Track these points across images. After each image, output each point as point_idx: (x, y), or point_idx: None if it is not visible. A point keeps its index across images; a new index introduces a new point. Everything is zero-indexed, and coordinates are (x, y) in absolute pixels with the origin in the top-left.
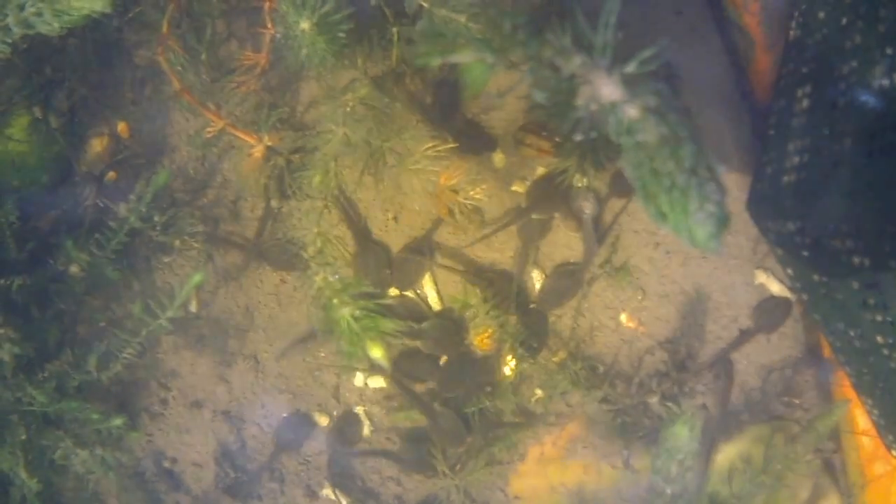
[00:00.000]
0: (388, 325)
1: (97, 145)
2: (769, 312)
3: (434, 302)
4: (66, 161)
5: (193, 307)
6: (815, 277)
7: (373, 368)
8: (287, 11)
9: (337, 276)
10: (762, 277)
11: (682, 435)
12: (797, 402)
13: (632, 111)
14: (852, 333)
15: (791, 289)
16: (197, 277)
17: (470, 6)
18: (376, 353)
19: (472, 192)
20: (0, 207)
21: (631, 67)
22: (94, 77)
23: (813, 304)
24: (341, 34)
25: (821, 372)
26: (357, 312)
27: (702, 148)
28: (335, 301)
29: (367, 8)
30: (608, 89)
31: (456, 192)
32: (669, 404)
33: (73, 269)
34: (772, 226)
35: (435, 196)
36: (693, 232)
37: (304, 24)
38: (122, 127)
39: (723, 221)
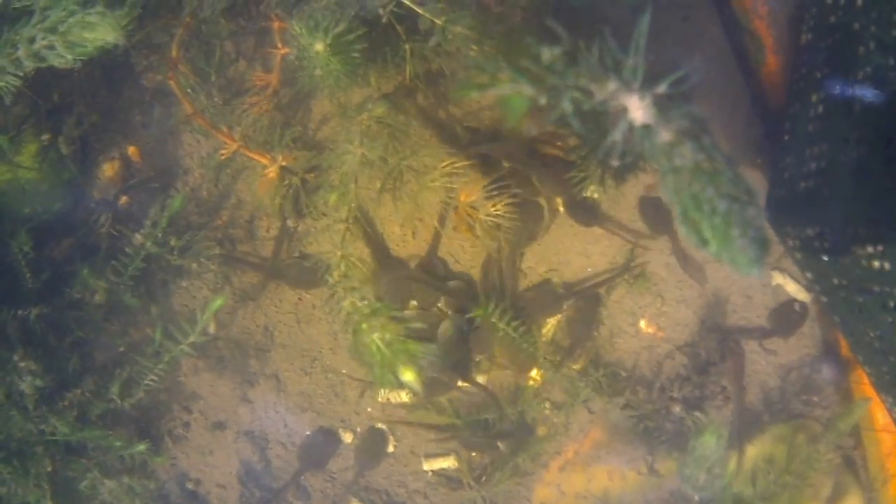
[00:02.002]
0: (419, 348)
1: (108, 170)
2: (786, 317)
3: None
4: (79, 187)
5: (212, 328)
6: (835, 281)
7: (400, 386)
8: (300, 33)
9: (365, 302)
10: (779, 279)
11: (711, 444)
12: (816, 399)
13: (665, 134)
14: (872, 335)
15: (809, 290)
16: (218, 301)
17: (485, 25)
18: (408, 376)
19: (491, 209)
20: (14, 238)
21: (661, 89)
22: (102, 101)
23: (832, 306)
24: (355, 54)
25: (839, 370)
26: (387, 337)
27: (739, 171)
28: (364, 326)
29: (379, 25)
30: (640, 112)
31: (476, 208)
32: (696, 413)
33: (98, 297)
34: (791, 231)
35: (455, 213)
36: (736, 258)
37: (319, 46)
38: (132, 150)
39: (765, 246)
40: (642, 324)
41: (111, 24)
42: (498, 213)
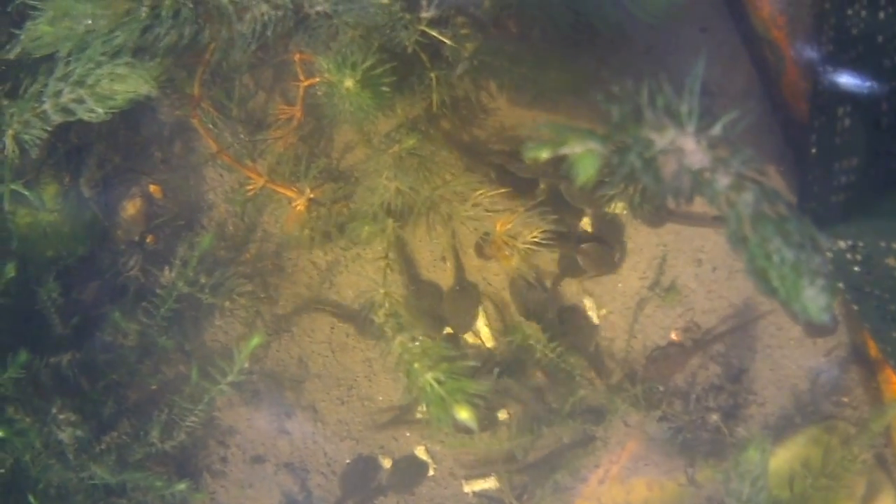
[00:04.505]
0: (474, 386)
1: (131, 208)
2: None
3: (487, 338)
4: (102, 228)
5: (245, 363)
6: (868, 290)
7: (458, 428)
8: (328, 69)
9: (417, 342)
10: None
11: (755, 459)
12: (846, 400)
13: (724, 179)
14: None
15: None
16: (256, 340)
17: (511, 55)
18: (464, 415)
19: (529, 237)
20: (42, 285)
21: (716, 131)
22: (120, 139)
23: (864, 314)
24: (385, 88)
25: (868, 370)
26: (441, 376)
27: (804, 218)
28: (416, 366)
29: (404, 56)
30: (698, 156)
31: (514, 237)
32: (739, 429)
33: (130, 340)
34: (822, 244)
35: (493, 243)
36: (807, 306)
37: (349, 83)
38: (154, 188)
39: (833, 293)
40: (674, 336)
41: (142, 76)
42: (535, 239)
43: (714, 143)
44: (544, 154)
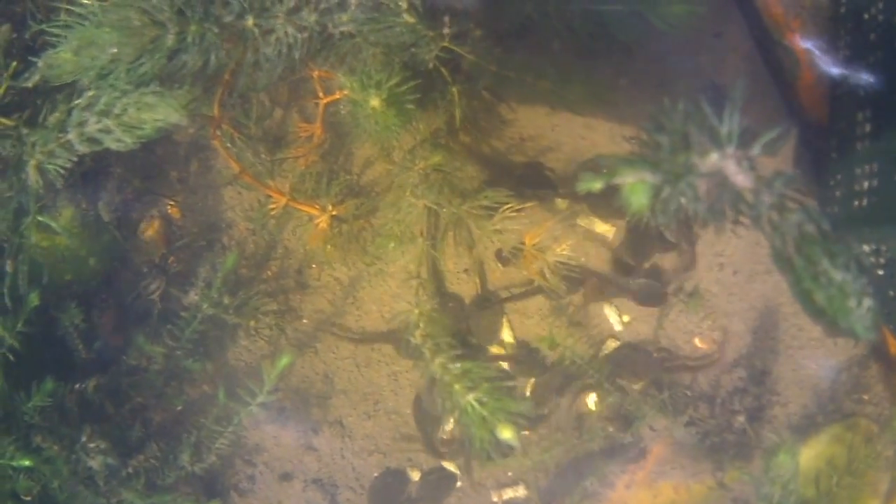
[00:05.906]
0: (516, 405)
1: (150, 231)
2: None
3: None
4: (122, 251)
5: (274, 382)
6: (891, 293)
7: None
8: (352, 87)
9: (458, 365)
10: None
11: (786, 464)
12: (867, 398)
13: (767, 198)
14: None
15: None
16: (285, 359)
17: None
18: (506, 434)
19: (558, 250)
20: (62, 310)
21: (755, 150)
22: (138, 161)
23: (888, 315)
24: (409, 105)
25: (888, 368)
26: (483, 396)
27: (847, 237)
28: (457, 387)
29: (425, 71)
30: (740, 177)
31: (542, 251)
32: (764, 430)
33: (156, 364)
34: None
35: (523, 258)
36: (854, 326)
37: (374, 101)
38: (173, 209)
39: (878, 313)
40: (697, 341)
41: (171, 105)
42: (565, 253)
43: (754, 163)
44: (597, 185)
